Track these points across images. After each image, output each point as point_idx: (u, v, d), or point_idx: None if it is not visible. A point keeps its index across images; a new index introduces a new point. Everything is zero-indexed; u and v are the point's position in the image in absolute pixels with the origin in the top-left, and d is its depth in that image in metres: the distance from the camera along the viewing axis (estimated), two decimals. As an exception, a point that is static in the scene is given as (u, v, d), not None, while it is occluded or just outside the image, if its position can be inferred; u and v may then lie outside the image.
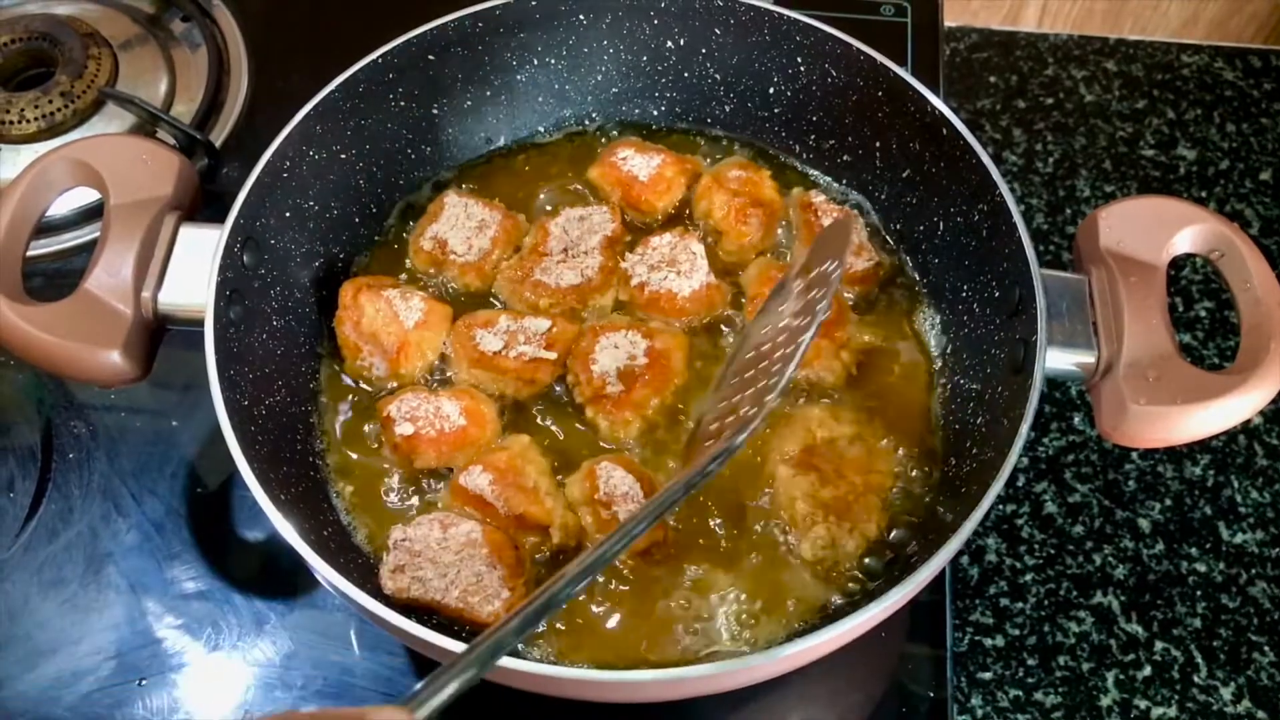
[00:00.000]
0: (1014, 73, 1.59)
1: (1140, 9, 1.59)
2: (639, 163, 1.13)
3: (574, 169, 1.18)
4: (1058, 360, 0.92)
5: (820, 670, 0.93)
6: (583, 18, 1.14)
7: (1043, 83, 1.57)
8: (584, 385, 1.00)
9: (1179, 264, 1.38)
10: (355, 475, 1.00)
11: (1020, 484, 1.22)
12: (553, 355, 1.01)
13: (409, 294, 1.04)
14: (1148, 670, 1.12)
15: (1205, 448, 1.25)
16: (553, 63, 1.17)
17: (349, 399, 1.04)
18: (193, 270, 0.94)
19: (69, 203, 1.24)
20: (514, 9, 1.11)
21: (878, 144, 1.11)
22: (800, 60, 1.12)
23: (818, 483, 0.95)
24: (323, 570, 0.80)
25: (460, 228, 1.09)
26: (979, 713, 1.09)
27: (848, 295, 1.08)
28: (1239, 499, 1.21)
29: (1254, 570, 1.17)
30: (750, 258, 1.11)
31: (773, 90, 1.16)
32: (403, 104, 1.11)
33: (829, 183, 1.18)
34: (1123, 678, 1.11)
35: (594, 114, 1.22)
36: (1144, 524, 1.20)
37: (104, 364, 0.92)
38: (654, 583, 0.93)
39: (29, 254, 0.95)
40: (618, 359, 1.00)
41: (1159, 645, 1.13)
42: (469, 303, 1.09)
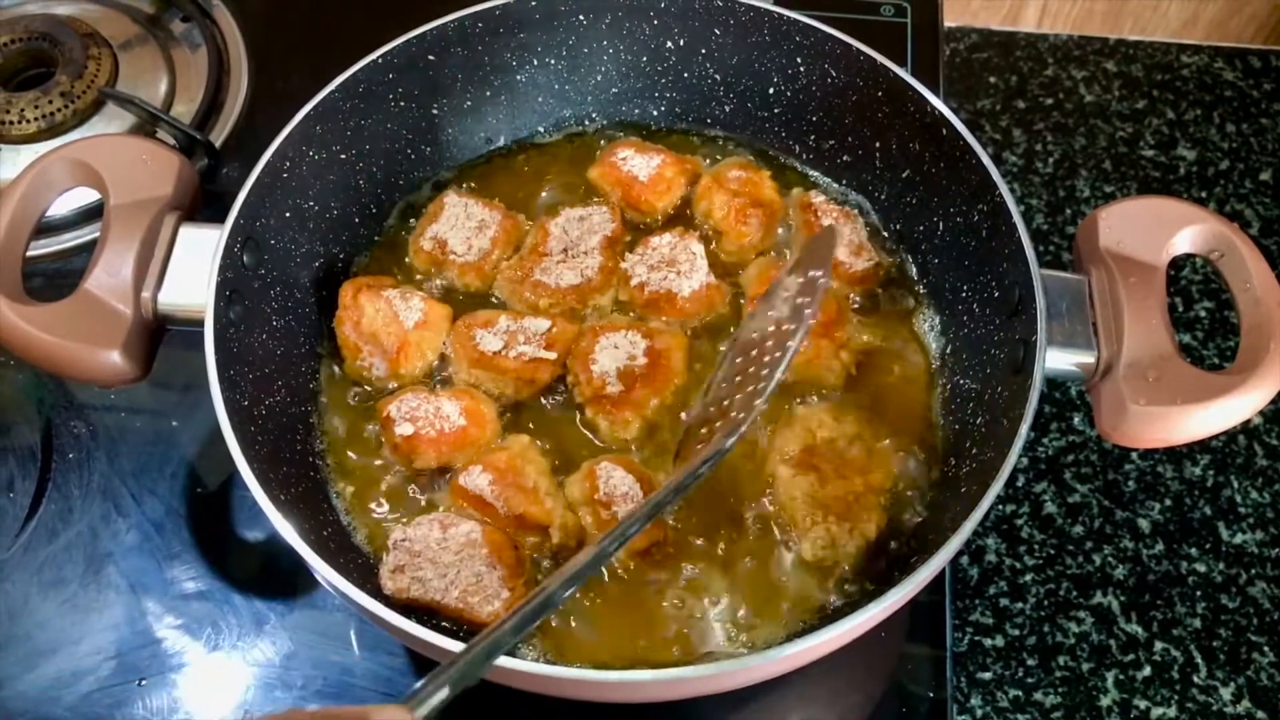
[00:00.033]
0: (1014, 73, 1.59)
1: (1140, 9, 1.59)
2: (639, 163, 1.13)
3: (574, 169, 1.18)
4: (1057, 360, 0.92)
5: (820, 670, 0.93)
6: (582, 18, 1.14)
7: (1043, 83, 1.57)
8: (584, 385, 1.00)
9: (1179, 264, 1.38)
10: (355, 475, 1.00)
11: (1020, 484, 1.22)
12: (553, 355, 1.01)
13: (409, 294, 1.04)
14: (1147, 670, 1.12)
15: (1205, 448, 1.25)
16: (553, 63, 1.17)
17: (349, 399, 1.04)
18: (193, 270, 0.94)
19: (69, 203, 1.24)
20: (514, 9, 1.11)
21: (878, 144, 1.11)
22: (800, 61, 1.12)
23: (817, 483, 0.95)
24: (322, 570, 0.80)
25: (460, 228, 1.09)
26: (979, 713, 1.09)
27: (848, 295, 1.08)
28: (1239, 499, 1.21)
29: (1254, 570, 1.17)
30: (750, 258, 1.11)
31: (772, 90, 1.16)
32: (403, 104, 1.11)
33: (829, 183, 1.18)
34: (1122, 678, 1.11)
35: (594, 114, 1.22)
36: (1144, 524, 1.20)
37: (104, 364, 0.92)
38: (654, 583, 0.93)
39: (29, 254, 0.95)
40: (617, 359, 1.00)
41: (1159, 645, 1.13)
42: (469, 303, 1.09)
